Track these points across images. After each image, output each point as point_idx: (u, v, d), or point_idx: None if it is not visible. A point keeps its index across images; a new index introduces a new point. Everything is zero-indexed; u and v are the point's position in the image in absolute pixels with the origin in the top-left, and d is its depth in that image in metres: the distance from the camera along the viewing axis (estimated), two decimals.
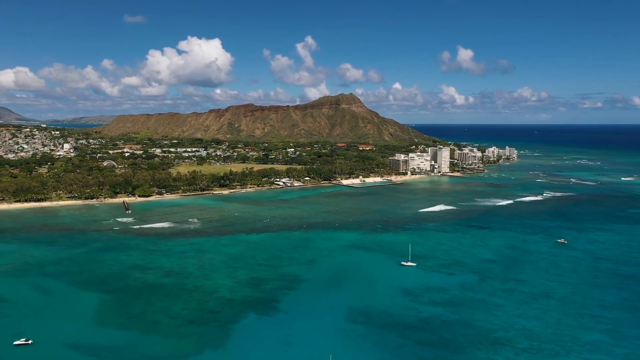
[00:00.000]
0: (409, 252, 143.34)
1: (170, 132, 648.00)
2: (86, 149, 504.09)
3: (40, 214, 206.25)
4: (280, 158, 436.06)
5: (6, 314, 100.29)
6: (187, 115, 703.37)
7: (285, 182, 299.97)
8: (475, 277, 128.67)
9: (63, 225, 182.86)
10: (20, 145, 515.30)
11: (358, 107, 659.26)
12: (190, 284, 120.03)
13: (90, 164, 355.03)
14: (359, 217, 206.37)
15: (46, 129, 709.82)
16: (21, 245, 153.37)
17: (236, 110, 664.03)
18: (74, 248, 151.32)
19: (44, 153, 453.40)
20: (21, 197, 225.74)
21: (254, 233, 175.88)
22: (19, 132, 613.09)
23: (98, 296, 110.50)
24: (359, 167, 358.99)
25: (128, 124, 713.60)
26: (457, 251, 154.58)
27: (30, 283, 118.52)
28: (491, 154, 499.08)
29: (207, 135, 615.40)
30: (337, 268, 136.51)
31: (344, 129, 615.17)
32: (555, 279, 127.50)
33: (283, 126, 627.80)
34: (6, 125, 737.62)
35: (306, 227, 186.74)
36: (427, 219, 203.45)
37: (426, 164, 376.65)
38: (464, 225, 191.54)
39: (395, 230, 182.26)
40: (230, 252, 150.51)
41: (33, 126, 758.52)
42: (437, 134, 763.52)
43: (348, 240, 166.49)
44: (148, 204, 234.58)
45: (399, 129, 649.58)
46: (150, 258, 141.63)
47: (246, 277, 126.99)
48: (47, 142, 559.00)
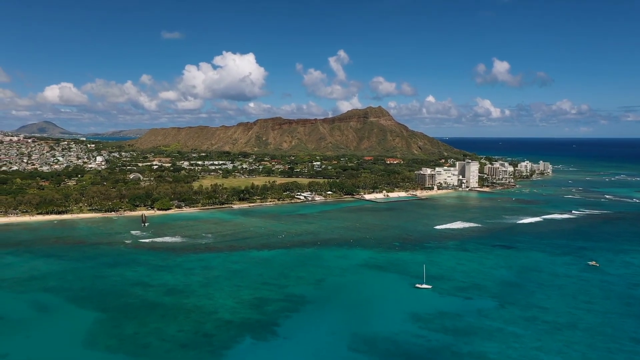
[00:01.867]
0: (423, 273, 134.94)
1: (199, 145, 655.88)
2: (117, 161, 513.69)
3: (58, 226, 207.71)
4: (305, 171, 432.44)
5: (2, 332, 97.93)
6: (216, 128, 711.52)
7: (307, 196, 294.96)
8: (494, 303, 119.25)
9: (77, 239, 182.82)
10: (56, 157, 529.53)
11: (386, 120, 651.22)
12: (190, 304, 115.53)
13: (117, 176, 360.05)
14: (377, 233, 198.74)
15: (83, 142, 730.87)
16: (31, 259, 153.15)
17: (264, 124, 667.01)
18: (82, 262, 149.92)
19: (76, 165, 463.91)
20: (43, 210, 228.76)
21: (265, 249, 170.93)
22: (57, 145, 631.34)
23: (93, 315, 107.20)
24: (384, 181, 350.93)
25: (159, 137, 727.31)
26: (477, 273, 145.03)
27: (29, 299, 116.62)
28: (524, 168, 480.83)
29: (235, 148, 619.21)
30: (346, 289, 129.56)
31: (371, 142, 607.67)
32: (583, 307, 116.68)
33: (310, 139, 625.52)
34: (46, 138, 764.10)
35: (320, 243, 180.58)
36: (449, 237, 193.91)
37: (453, 179, 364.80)
38: (488, 245, 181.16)
39: (414, 249, 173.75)
40: (238, 269, 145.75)
41: (71, 139, 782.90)
42: (470, 148, 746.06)
43: (362, 259, 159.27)
44: (166, 217, 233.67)
45: (428, 143, 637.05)
46: (156, 275, 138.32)
47: (249, 297, 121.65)
48: (82, 154, 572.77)
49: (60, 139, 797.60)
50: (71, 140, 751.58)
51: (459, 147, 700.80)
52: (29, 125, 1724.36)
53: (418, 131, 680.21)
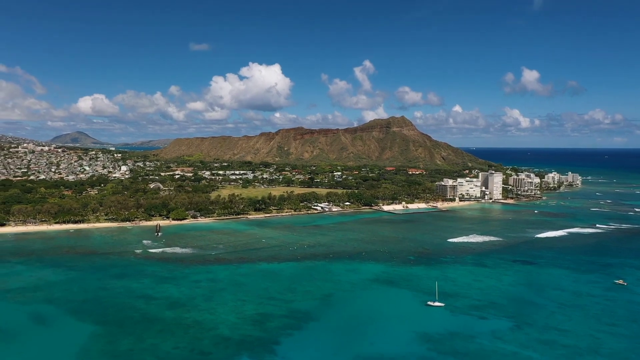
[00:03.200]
0: (436, 290, 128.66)
1: (222, 155, 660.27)
2: (141, 171, 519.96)
3: (73, 235, 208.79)
4: (325, 182, 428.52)
5: None
6: (239, 138, 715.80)
7: (324, 207, 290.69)
8: (509, 323, 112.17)
9: (89, 248, 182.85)
10: (83, 167, 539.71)
11: (409, 130, 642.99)
12: (191, 319, 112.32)
13: (139, 185, 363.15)
14: (392, 246, 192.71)
15: (110, 151, 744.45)
16: (40, 268, 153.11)
17: (286, 134, 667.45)
18: (90, 273, 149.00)
19: (101, 175, 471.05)
20: (60, 219, 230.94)
21: (275, 262, 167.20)
22: (85, 154, 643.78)
23: (91, 329, 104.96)
24: (404, 192, 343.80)
25: (183, 147, 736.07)
26: (494, 290, 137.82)
27: (30, 311, 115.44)
28: (551, 179, 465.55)
29: (257, 158, 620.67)
30: (354, 305, 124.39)
31: (394, 153, 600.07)
32: (607, 330, 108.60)
33: (332, 149, 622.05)
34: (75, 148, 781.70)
35: (332, 256, 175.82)
36: (467, 251, 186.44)
37: (476, 190, 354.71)
38: (508, 260, 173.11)
39: (429, 263, 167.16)
40: (245, 282, 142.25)
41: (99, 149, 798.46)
42: (497, 158, 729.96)
43: (374, 273, 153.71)
44: (180, 227, 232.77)
45: (452, 153, 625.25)
46: (161, 287, 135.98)
47: (252, 312, 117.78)
48: (108, 164, 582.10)
49: (89, 148, 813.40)
50: (99, 150, 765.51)
51: (486, 158, 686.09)
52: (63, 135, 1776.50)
53: (442, 141, 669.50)
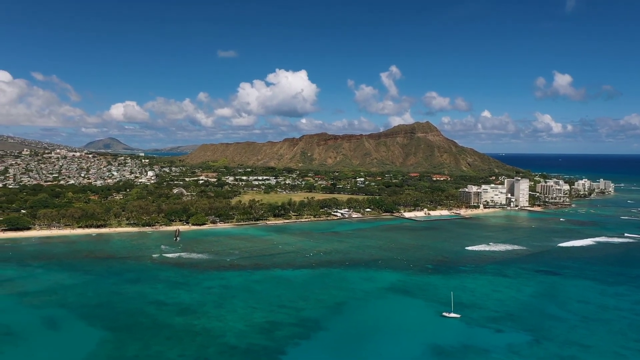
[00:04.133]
0: (451, 300, 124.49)
1: (246, 161, 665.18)
2: (166, 176, 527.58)
3: (94, 240, 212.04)
4: (348, 188, 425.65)
5: (2, 350, 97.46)
6: (263, 144, 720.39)
7: (344, 214, 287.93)
8: (527, 337, 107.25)
9: (108, 253, 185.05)
10: (111, 172, 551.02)
11: (434, 135, 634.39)
12: (200, 325, 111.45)
13: (163, 191, 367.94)
14: (410, 254, 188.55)
15: (138, 157, 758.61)
16: (58, 272, 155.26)
17: (309, 139, 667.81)
18: (106, 277, 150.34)
19: (127, 180, 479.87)
20: (83, 223, 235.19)
21: (290, 268, 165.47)
22: (114, 160, 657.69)
23: (101, 334, 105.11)
24: (426, 199, 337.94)
25: (208, 153, 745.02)
26: (513, 301, 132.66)
27: (43, 315, 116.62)
28: (581, 187, 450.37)
29: (280, 163, 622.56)
30: (366, 315, 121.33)
31: (418, 159, 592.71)
32: (633, 347, 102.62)
33: (355, 155, 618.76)
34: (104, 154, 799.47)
35: (348, 263, 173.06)
36: (488, 260, 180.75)
37: (501, 197, 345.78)
38: (531, 270, 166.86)
39: (447, 272, 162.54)
40: (257, 289, 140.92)
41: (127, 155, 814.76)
42: (526, 164, 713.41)
43: (389, 282, 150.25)
44: (199, 232, 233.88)
45: (479, 159, 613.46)
46: (173, 293, 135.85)
47: (262, 320, 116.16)
48: (135, 169, 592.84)
49: (118, 154, 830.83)
50: (127, 155, 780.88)
51: (515, 164, 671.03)
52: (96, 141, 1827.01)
53: (468, 147, 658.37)
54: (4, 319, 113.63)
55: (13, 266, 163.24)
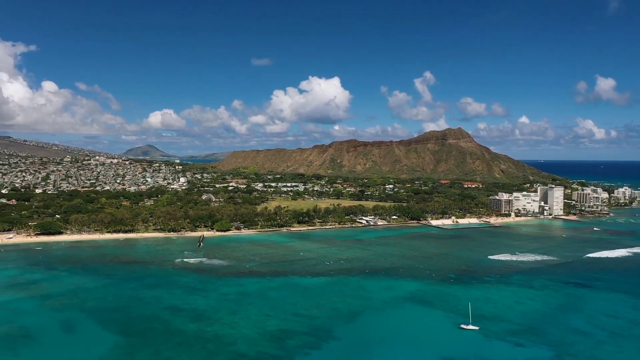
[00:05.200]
0: (469, 312, 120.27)
1: (275, 167, 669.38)
2: (197, 182, 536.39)
3: (121, 244, 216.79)
4: (376, 194, 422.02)
5: (18, 352, 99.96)
6: (292, 150, 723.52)
7: (369, 221, 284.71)
8: (549, 353, 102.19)
9: (132, 257, 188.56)
10: (145, 178, 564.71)
11: (466, 142, 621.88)
12: (212, 332, 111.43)
13: (192, 197, 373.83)
14: (433, 263, 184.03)
15: (172, 164, 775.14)
16: (82, 276, 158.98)
17: (339, 146, 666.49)
18: (127, 282, 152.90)
19: (160, 186, 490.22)
20: (112, 228, 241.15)
21: (308, 276, 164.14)
22: (149, 166, 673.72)
23: (114, 339, 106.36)
24: (456, 207, 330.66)
25: (239, 159, 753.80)
26: (537, 314, 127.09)
27: (63, 319, 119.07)
28: (621, 195, 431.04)
29: (310, 170, 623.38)
30: (381, 325, 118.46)
31: (449, 165, 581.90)
32: None
33: (385, 162, 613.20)
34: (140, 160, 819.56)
35: (368, 271, 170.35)
36: (515, 270, 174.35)
37: (534, 205, 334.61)
38: (559, 282, 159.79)
39: (470, 282, 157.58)
40: (273, 296, 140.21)
41: (162, 161, 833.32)
42: (565, 172, 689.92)
43: (408, 291, 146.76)
44: (223, 238, 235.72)
45: (513, 165, 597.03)
46: (190, 298, 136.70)
47: (274, 328, 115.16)
48: (169, 176, 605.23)
49: (154, 161, 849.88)
50: (162, 162, 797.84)
51: (554, 171, 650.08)
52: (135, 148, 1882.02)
53: (502, 154, 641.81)
54: (25, 321, 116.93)
55: (41, 269, 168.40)
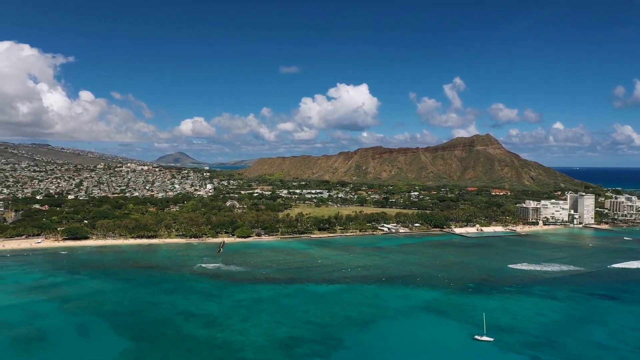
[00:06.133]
0: (483, 322, 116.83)
1: (301, 174, 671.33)
2: (223, 189, 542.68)
3: (143, 250, 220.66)
4: (401, 202, 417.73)
5: (33, 355, 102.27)
6: (318, 157, 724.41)
7: (390, 228, 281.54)
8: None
9: (152, 263, 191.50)
10: (173, 185, 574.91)
11: (495, 148, 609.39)
12: (221, 339, 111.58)
13: (217, 203, 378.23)
14: (453, 272, 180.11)
15: (200, 170, 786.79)
16: (103, 281, 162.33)
17: (364, 153, 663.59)
18: (145, 287, 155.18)
19: (187, 192, 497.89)
20: (135, 234, 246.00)
21: (324, 283, 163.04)
22: (178, 173, 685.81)
23: (126, 344, 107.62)
24: (481, 214, 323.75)
25: (265, 166, 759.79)
26: (558, 326, 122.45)
27: (79, 322, 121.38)
28: None
29: (335, 177, 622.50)
30: (393, 335, 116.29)
31: (477, 172, 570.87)
32: None
33: (411, 169, 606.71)
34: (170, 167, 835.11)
35: (385, 280, 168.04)
36: (537, 281, 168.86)
37: (563, 213, 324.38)
38: (584, 293, 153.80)
39: (489, 292, 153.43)
40: (287, 303, 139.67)
41: (190, 168, 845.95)
42: (601, 179, 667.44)
43: (424, 301, 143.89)
44: (243, 245, 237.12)
45: (543, 173, 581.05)
46: (204, 304, 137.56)
47: (284, 335, 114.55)
48: (196, 182, 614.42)
49: (183, 168, 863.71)
50: (191, 169, 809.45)
51: (590, 179, 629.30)
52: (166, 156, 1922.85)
53: (532, 160, 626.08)
54: (42, 324, 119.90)
55: (64, 273, 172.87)
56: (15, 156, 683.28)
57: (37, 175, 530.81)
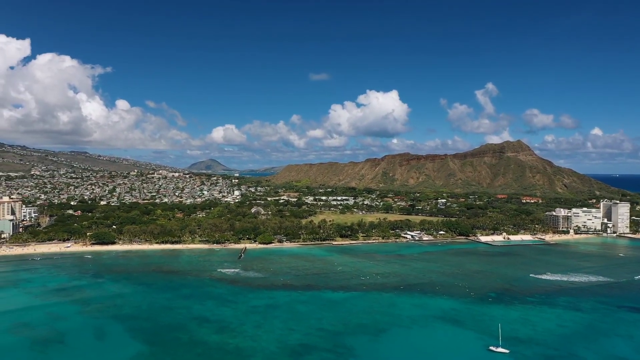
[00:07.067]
0: (499, 333, 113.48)
1: (328, 181, 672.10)
2: (250, 195, 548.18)
3: (166, 255, 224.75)
4: (427, 209, 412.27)
5: (50, 357, 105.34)
6: (345, 164, 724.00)
7: (413, 236, 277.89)
8: None
9: (173, 268, 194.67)
10: (202, 191, 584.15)
11: (526, 155, 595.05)
12: (233, 345, 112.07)
13: (243, 209, 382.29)
14: (475, 281, 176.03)
15: (229, 177, 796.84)
16: (124, 285, 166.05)
17: (392, 160, 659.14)
18: (163, 292, 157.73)
19: (214, 199, 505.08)
20: (160, 239, 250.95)
21: (341, 291, 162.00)
22: (207, 180, 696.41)
23: (138, 348, 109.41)
24: (509, 222, 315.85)
25: (293, 173, 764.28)
26: (579, 339, 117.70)
27: (97, 325, 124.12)
28: None
29: (361, 184, 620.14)
30: (404, 345, 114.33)
31: (507, 179, 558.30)
32: None
33: (439, 176, 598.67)
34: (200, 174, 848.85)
35: (403, 288, 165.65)
36: (563, 291, 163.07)
37: (595, 222, 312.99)
38: (612, 305, 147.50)
39: (511, 303, 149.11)
40: (301, 310, 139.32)
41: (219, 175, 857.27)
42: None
43: (441, 310, 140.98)
44: (264, 251, 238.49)
45: (578, 180, 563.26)
46: (219, 310, 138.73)
47: (295, 342, 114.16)
48: (224, 189, 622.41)
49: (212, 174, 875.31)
50: (220, 176, 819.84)
51: (631, 186, 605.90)
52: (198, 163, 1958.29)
53: (566, 167, 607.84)
54: (62, 326, 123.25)
55: (88, 277, 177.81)
56: (54, 163, 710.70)
57: (73, 181, 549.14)
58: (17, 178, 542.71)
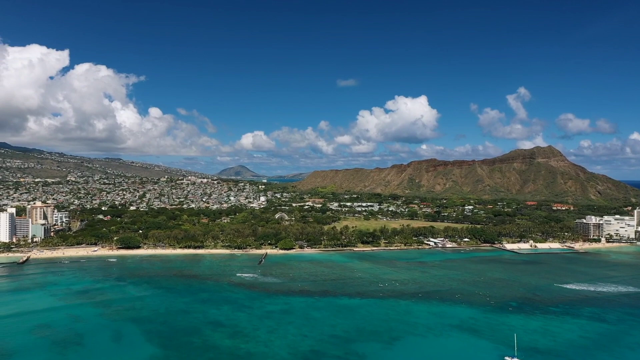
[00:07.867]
0: (514, 343, 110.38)
1: (353, 187, 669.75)
2: (276, 201, 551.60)
3: (188, 259, 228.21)
4: (453, 216, 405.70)
5: (68, 356, 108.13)
6: (371, 170, 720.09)
7: (437, 243, 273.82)
8: None
9: (194, 273, 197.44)
10: (229, 197, 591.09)
11: (557, 161, 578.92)
12: (244, 350, 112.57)
13: (267, 215, 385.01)
14: (496, 290, 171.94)
15: (256, 183, 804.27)
16: (144, 289, 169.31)
17: (418, 166, 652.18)
18: (182, 296, 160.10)
19: (240, 204, 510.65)
20: (183, 244, 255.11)
21: (357, 297, 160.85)
22: (234, 186, 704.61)
23: (152, 351, 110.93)
24: (537, 230, 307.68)
25: (319, 179, 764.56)
26: (601, 351, 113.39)
27: (115, 328, 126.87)
28: None
29: (387, 190, 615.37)
30: (418, 353, 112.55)
31: (537, 186, 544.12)
32: None
33: (466, 182, 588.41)
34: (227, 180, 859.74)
35: (421, 296, 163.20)
36: (588, 302, 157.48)
37: (629, 230, 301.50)
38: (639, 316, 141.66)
39: (532, 312, 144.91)
40: (316, 316, 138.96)
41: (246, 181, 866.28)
42: None
43: (459, 319, 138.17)
44: (285, 256, 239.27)
45: (612, 186, 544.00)
46: (235, 315, 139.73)
47: (307, 349, 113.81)
48: (251, 195, 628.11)
49: (239, 180, 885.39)
50: (248, 182, 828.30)
51: None
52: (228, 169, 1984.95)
53: (600, 174, 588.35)
54: (82, 328, 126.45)
55: (111, 280, 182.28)
56: (89, 170, 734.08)
57: (105, 187, 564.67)
58: (54, 184, 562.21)
